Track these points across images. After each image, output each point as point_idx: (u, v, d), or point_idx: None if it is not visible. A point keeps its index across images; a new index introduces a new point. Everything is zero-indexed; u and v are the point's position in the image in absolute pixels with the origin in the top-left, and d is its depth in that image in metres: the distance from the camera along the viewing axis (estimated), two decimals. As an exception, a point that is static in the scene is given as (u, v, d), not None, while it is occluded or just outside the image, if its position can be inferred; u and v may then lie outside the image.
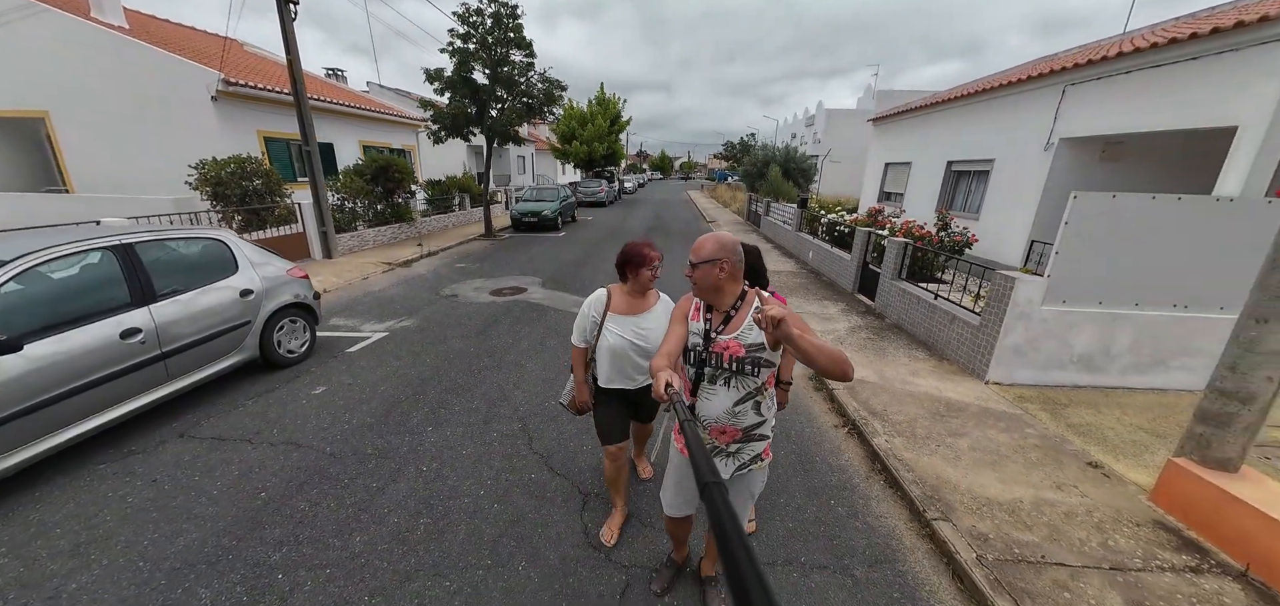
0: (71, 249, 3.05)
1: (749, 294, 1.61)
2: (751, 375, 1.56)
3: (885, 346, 5.21)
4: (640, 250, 2.12)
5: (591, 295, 2.24)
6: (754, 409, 1.61)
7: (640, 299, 2.21)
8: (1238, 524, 2.40)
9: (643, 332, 2.16)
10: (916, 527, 2.63)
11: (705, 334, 1.61)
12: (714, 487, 0.53)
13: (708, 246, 1.56)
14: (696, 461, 0.63)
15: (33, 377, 2.69)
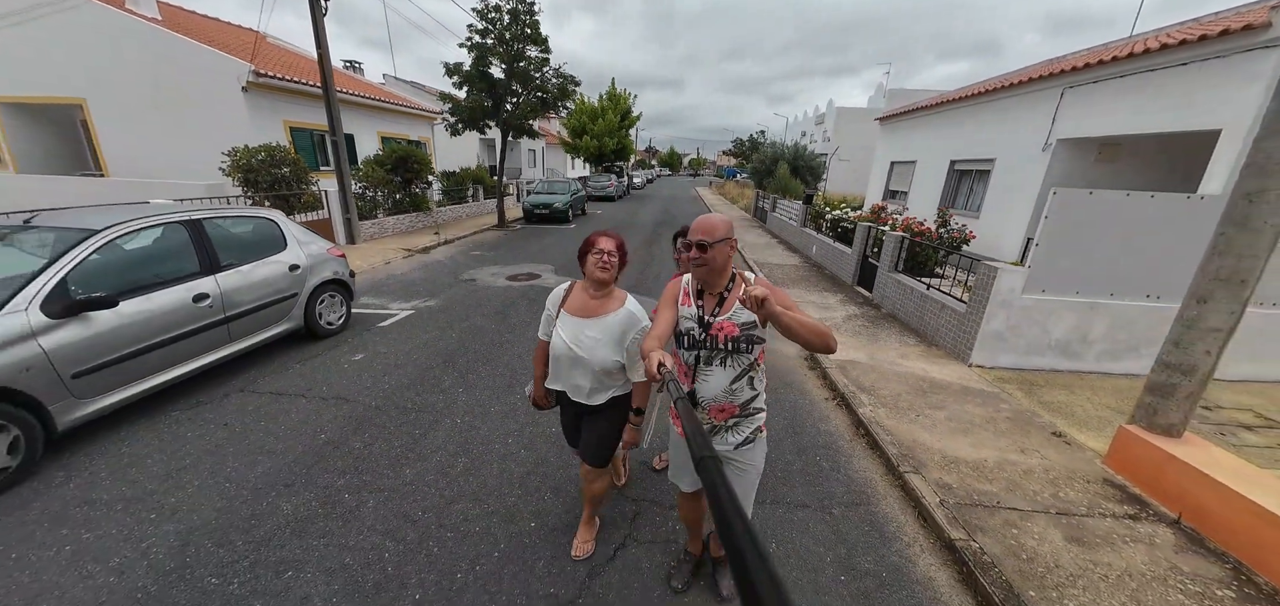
0: (152, 221, 3.48)
1: (738, 274, 1.63)
2: (745, 352, 1.60)
3: (878, 333, 5.55)
4: (589, 238, 1.89)
5: (556, 287, 2.07)
6: (748, 384, 1.64)
7: (598, 300, 1.93)
8: (1177, 481, 2.73)
9: (581, 340, 1.89)
10: (890, 479, 2.99)
11: (700, 318, 1.62)
12: (709, 460, 0.54)
13: (720, 227, 1.55)
14: (691, 437, 0.64)
15: (124, 331, 3.12)
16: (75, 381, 2.87)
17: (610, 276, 1.87)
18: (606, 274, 1.85)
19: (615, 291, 1.95)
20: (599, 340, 1.87)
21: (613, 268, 1.86)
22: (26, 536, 2.29)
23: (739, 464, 1.74)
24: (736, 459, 1.73)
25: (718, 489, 0.48)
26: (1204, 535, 2.53)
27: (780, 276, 8.42)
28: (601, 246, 1.85)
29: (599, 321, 1.89)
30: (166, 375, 3.39)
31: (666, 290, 1.73)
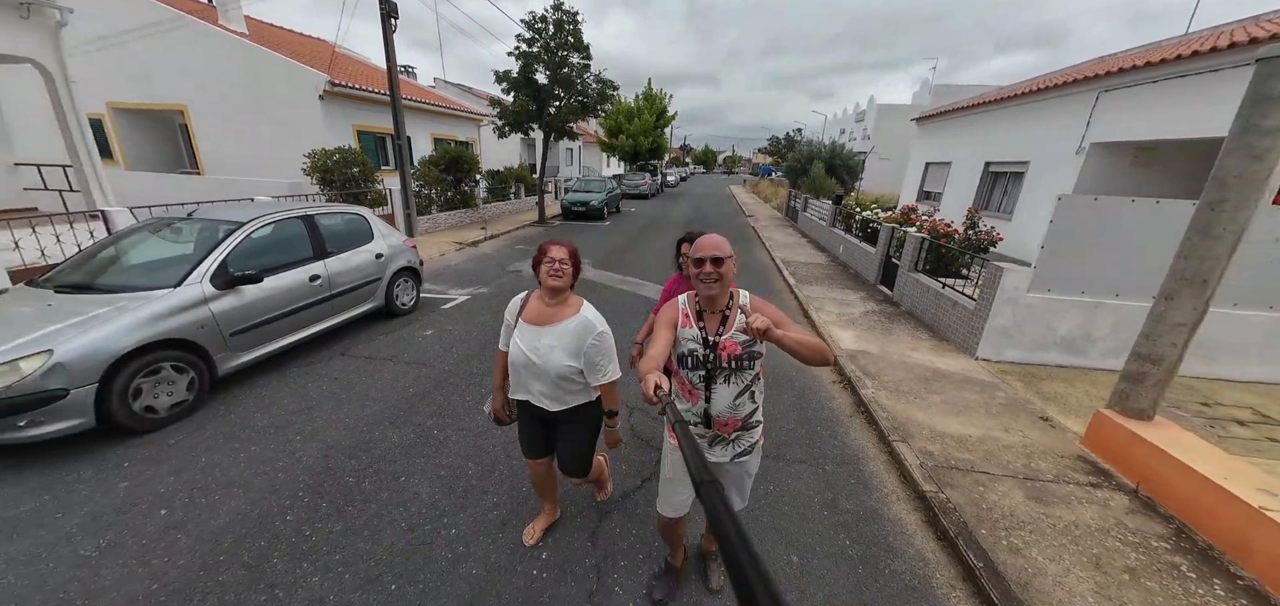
0: (280, 216, 4.37)
1: (735, 293, 1.66)
2: (748, 368, 1.64)
3: (893, 328, 5.91)
4: (542, 246, 1.89)
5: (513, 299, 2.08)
6: (750, 398, 1.69)
7: (552, 308, 1.94)
8: (1141, 458, 3.08)
9: (537, 349, 1.92)
10: (881, 446, 3.46)
11: (705, 339, 1.64)
12: (710, 487, 0.53)
13: (724, 245, 1.57)
14: (691, 463, 0.63)
15: (263, 302, 3.99)
16: (231, 338, 3.75)
17: (563, 283, 1.88)
18: (558, 280, 1.86)
19: (571, 298, 1.96)
20: (554, 347, 1.90)
21: (565, 274, 1.88)
22: (211, 447, 3.13)
23: (731, 470, 1.83)
24: (731, 468, 1.82)
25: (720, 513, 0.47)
26: (1157, 501, 2.89)
27: (806, 274, 8.79)
28: (553, 255, 1.87)
29: (554, 329, 1.91)
30: (290, 338, 4.27)
31: (662, 313, 1.73)
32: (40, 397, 2.78)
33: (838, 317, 6.26)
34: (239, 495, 2.69)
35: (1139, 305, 4.57)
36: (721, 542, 0.44)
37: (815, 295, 7.31)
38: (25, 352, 2.78)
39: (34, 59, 6.97)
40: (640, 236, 12.70)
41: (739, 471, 1.83)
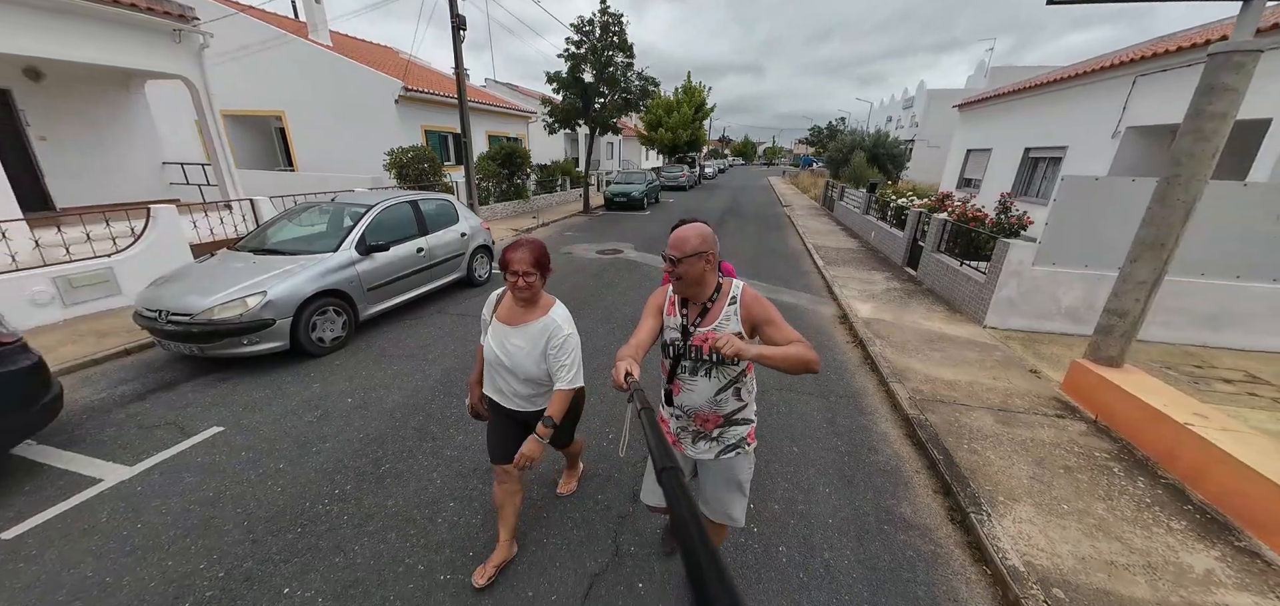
0: (396, 200, 5.53)
1: (725, 285, 1.61)
2: (731, 364, 1.58)
3: (910, 302, 6.46)
4: (504, 253, 1.79)
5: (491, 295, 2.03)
6: (734, 395, 1.64)
7: (523, 308, 1.87)
8: (1105, 398, 3.63)
9: (507, 349, 1.87)
10: (880, 387, 4.17)
11: (683, 327, 1.61)
12: (671, 472, 0.54)
13: (692, 240, 1.52)
14: (652, 449, 0.64)
15: (388, 266, 5.15)
16: (368, 292, 4.91)
17: (530, 296, 1.83)
18: (526, 295, 1.81)
19: (541, 298, 1.89)
20: (522, 348, 1.85)
21: (532, 288, 1.80)
22: (366, 367, 4.27)
23: (723, 473, 1.76)
24: (720, 467, 1.75)
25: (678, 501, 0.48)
26: (1111, 428, 3.46)
27: (835, 257, 9.32)
28: (516, 267, 1.75)
29: (523, 330, 1.86)
30: (404, 296, 5.44)
31: (652, 298, 1.71)
32: (258, 324, 3.98)
33: (859, 293, 6.85)
34: (396, 393, 3.80)
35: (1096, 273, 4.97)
36: (678, 532, 0.45)
37: (841, 275, 7.89)
38: (249, 293, 3.99)
39: (183, 75, 8.61)
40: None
41: (728, 475, 1.74)
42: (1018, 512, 2.61)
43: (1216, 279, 4.82)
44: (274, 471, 2.89)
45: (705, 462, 1.76)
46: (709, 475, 1.79)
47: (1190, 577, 2.22)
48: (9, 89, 8.07)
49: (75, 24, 6.66)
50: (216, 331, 3.86)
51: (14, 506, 2.57)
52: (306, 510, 2.59)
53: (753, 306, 1.57)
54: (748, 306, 1.57)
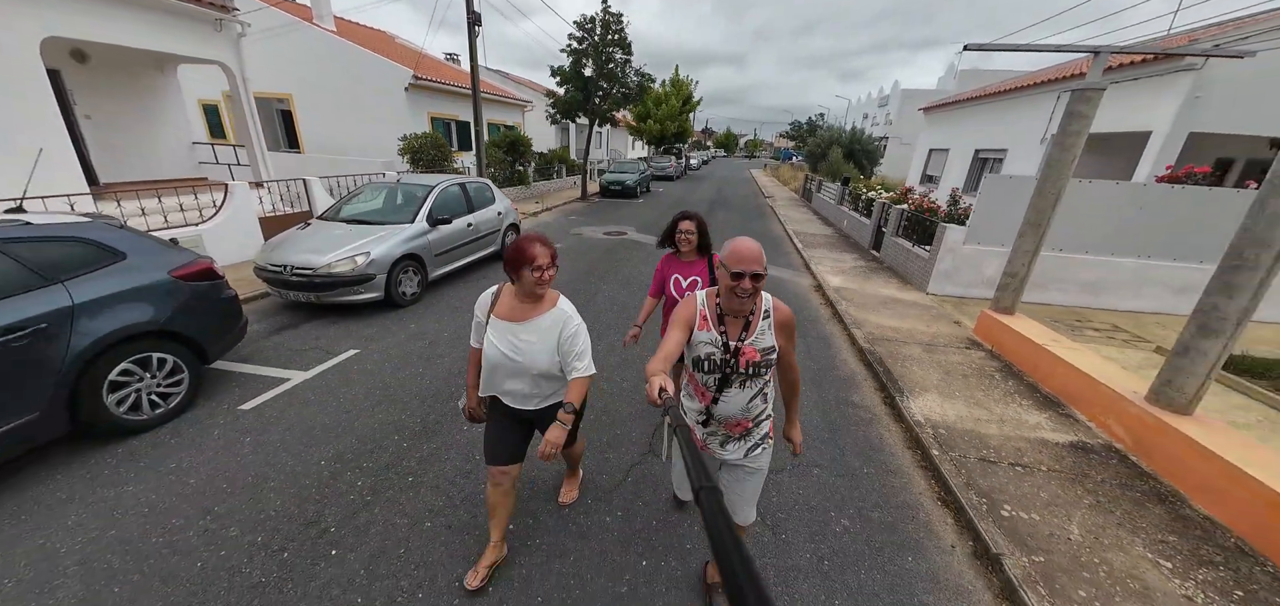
0: (449, 182, 6.56)
1: (759, 300, 1.61)
2: (762, 374, 1.64)
3: (872, 276, 7.85)
4: (522, 247, 1.76)
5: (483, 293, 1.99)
6: (762, 399, 1.71)
7: (528, 304, 1.88)
8: (1000, 336, 5.02)
9: (517, 346, 1.85)
10: (843, 333, 5.50)
11: (725, 344, 1.60)
12: (708, 493, 0.54)
13: (759, 261, 1.47)
14: (690, 468, 0.64)
15: (447, 237, 6.20)
16: (434, 257, 5.97)
17: (546, 291, 1.85)
18: (544, 290, 1.83)
19: (547, 293, 1.88)
20: (534, 343, 1.84)
21: (547, 284, 1.81)
22: (444, 313, 5.35)
23: (749, 467, 1.79)
24: (747, 464, 1.78)
25: (716, 520, 0.48)
26: (1000, 354, 4.86)
27: (812, 241, 10.69)
28: (539, 260, 1.75)
29: (533, 325, 1.85)
30: (458, 262, 6.51)
31: (679, 311, 1.67)
32: (364, 278, 5.03)
33: (831, 269, 8.21)
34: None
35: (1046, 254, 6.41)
36: (716, 548, 0.45)
37: (817, 255, 9.25)
38: (357, 253, 5.03)
39: (222, 61, 9.30)
40: (671, 210, 14.57)
41: (755, 468, 1.79)
42: (926, 397, 3.94)
43: (1096, 255, 6.33)
44: (414, 374, 4.01)
45: (733, 465, 1.80)
46: (733, 476, 1.83)
47: (1026, 425, 3.59)
48: (59, 70, 8.64)
49: (133, 11, 7.40)
50: (333, 282, 4.89)
51: (236, 393, 3.63)
52: (450, 393, 3.73)
53: (787, 324, 1.64)
54: (783, 325, 1.63)
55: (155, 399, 3.16)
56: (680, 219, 2.76)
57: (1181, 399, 3.13)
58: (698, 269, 2.73)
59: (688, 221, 2.73)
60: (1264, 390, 4.30)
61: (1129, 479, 3.02)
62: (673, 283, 2.77)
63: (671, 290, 2.77)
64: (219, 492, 2.65)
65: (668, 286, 2.79)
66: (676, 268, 2.78)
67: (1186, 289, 6.29)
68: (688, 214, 2.77)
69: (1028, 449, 3.30)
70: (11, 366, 2.51)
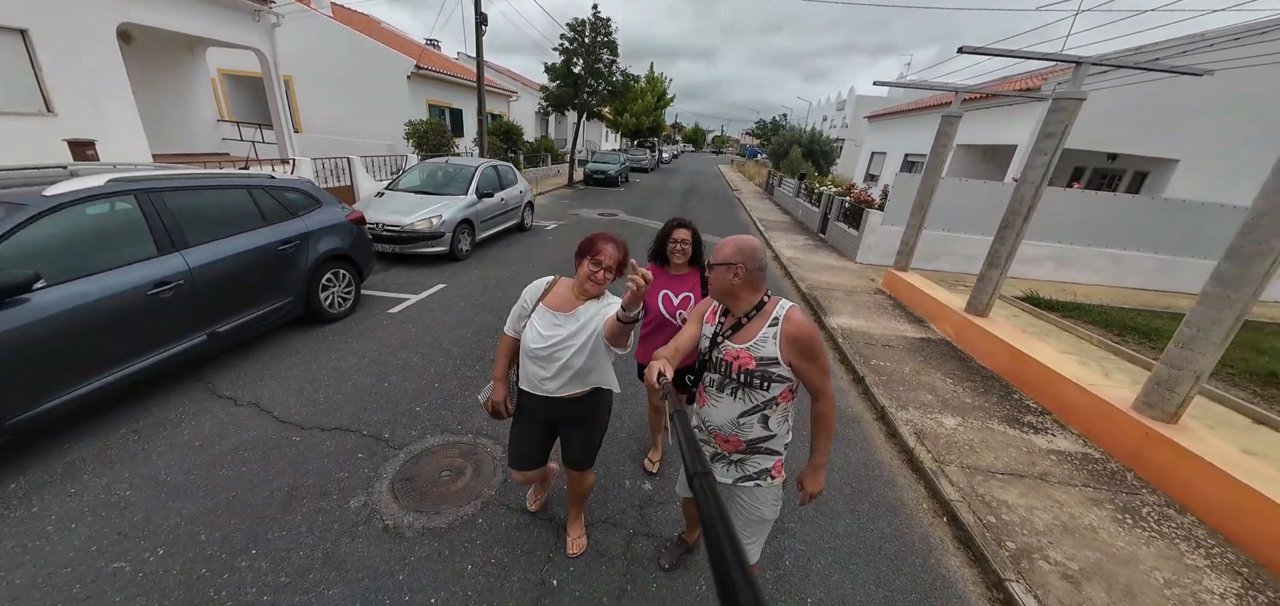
0: (486, 164, 8.12)
1: (769, 303, 1.52)
2: (760, 389, 1.50)
3: (817, 250, 10.01)
4: (593, 239, 1.77)
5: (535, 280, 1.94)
6: (762, 423, 1.56)
7: (579, 301, 1.82)
8: (897, 286, 7.18)
9: (561, 338, 1.77)
10: (791, 284, 7.54)
11: (712, 337, 1.58)
12: (702, 477, 0.54)
13: (727, 249, 1.50)
14: (684, 451, 0.64)
15: (488, 208, 7.78)
16: (479, 224, 7.56)
17: (601, 293, 1.80)
18: (598, 291, 1.79)
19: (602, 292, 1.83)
20: (568, 335, 1.77)
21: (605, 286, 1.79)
22: (498, 264, 6.97)
23: (742, 499, 1.66)
24: (738, 494, 1.66)
25: (708, 504, 0.48)
26: (895, 296, 7.02)
27: (772, 226, 12.82)
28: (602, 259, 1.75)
29: (574, 314, 1.80)
30: (493, 229, 8.10)
31: (699, 304, 1.71)
32: (436, 235, 6.58)
33: (786, 245, 10.32)
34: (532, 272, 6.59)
35: (937, 232, 8.72)
36: (707, 535, 0.44)
37: (775, 236, 11.36)
38: (431, 215, 6.58)
39: (257, 47, 10.34)
40: (651, 197, 16.62)
41: (749, 503, 1.65)
42: (841, 317, 5.99)
43: (968, 234, 8.67)
44: (500, 297, 5.68)
45: (723, 487, 1.65)
46: (730, 502, 1.67)
47: (897, 330, 5.68)
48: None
49: (190, 1, 8.51)
50: (414, 238, 6.44)
51: (379, 305, 5.18)
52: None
53: (800, 339, 1.46)
54: (793, 338, 1.46)
55: (339, 301, 4.72)
56: (673, 227, 2.44)
57: (979, 306, 5.28)
58: (690, 284, 2.44)
59: (682, 230, 2.41)
60: (1029, 307, 6.64)
61: (947, 352, 5.15)
62: (662, 299, 2.42)
63: (661, 308, 2.42)
64: (410, 348, 4.28)
65: (656, 303, 2.43)
66: (667, 282, 2.45)
67: (1029, 259, 8.77)
68: (682, 221, 2.47)
69: (894, 340, 5.39)
70: (283, 266, 4.05)
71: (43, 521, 2.27)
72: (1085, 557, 2.54)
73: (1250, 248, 2.92)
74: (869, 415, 4.00)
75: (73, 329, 2.65)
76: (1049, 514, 2.84)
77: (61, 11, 7.00)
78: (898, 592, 2.34)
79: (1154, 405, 3.31)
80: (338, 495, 2.56)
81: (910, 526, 2.80)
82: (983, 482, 3.08)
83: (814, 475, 1.62)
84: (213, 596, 1.99)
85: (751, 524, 1.68)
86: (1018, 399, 4.21)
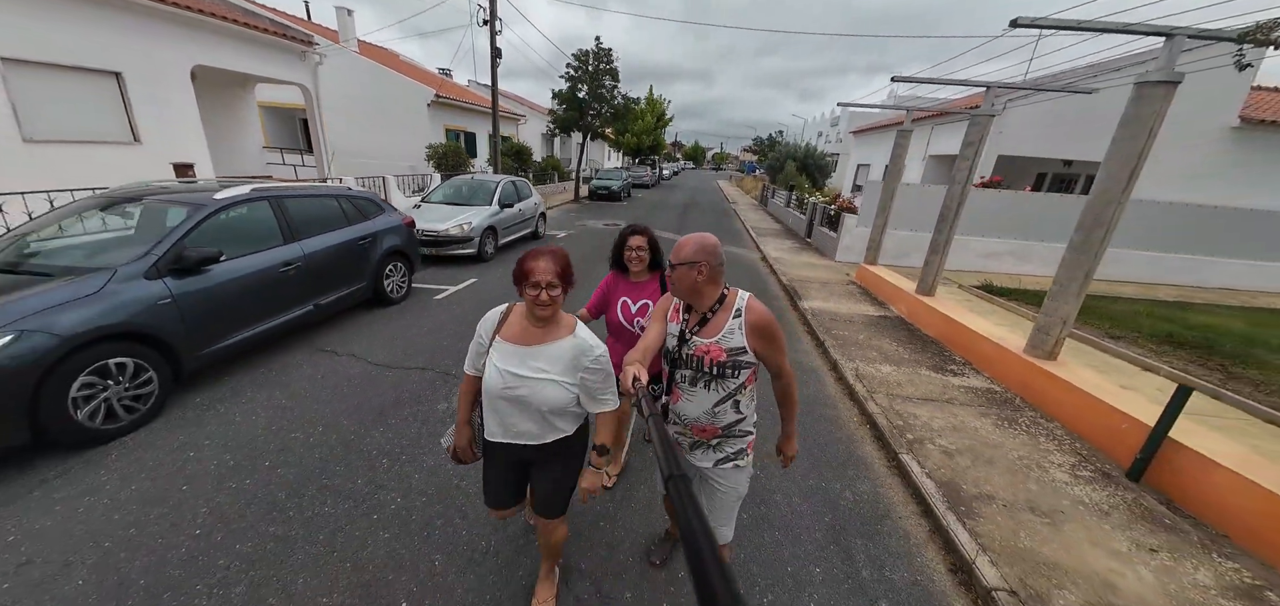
0: (506, 180, 9.30)
1: (729, 296, 1.58)
2: (732, 377, 1.58)
3: (802, 252, 11.08)
4: (523, 261, 1.53)
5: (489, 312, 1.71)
6: (733, 408, 1.63)
7: (543, 328, 1.58)
8: (867, 278, 8.21)
9: (522, 376, 1.56)
10: (775, 279, 8.59)
11: (680, 335, 1.61)
12: (677, 480, 0.54)
13: (688, 248, 1.53)
14: (660, 455, 0.65)
15: (508, 217, 8.93)
16: (501, 231, 8.69)
17: (552, 312, 1.55)
18: (547, 311, 1.53)
19: (562, 317, 1.62)
20: (546, 373, 1.57)
21: (555, 302, 1.52)
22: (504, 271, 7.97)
23: (718, 482, 1.73)
24: (714, 477, 1.73)
25: (685, 507, 0.49)
26: (866, 287, 8.05)
27: (764, 232, 13.92)
28: (538, 276, 1.48)
29: (543, 351, 1.57)
30: (512, 237, 9.24)
31: (659, 303, 1.72)
32: (466, 239, 7.70)
33: (774, 248, 11.40)
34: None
35: (904, 233, 9.78)
36: (685, 537, 0.45)
37: (765, 240, 12.45)
38: (463, 222, 7.71)
39: (302, 83, 11.67)
40: (653, 210, 17.80)
41: (725, 486, 1.73)
42: (813, 301, 7.02)
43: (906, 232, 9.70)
44: (520, 288, 6.76)
45: (703, 471, 1.74)
46: (705, 486, 1.76)
47: (859, 310, 6.69)
48: (172, 87, 10.79)
49: (250, 46, 9.88)
50: (448, 241, 7.56)
51: (425, 295, 6.26)
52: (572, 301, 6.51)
53: (762, 326, 1.55)
54: (755, 326, 1.54)
55: (397, 288, 5.81)
56: (628, 234, 2.43)
57: (926, 287, 6.31)
58: (649, 291, 2.44)
59: (638, 237, 2.41)
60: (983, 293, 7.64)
61: (898, 325, 6.16)
62: (621, 307, 2.43)
63: (619, 316, 2.43)
64: (457, 321, 5.34)
65: (615, 311, 2.45)
66: (625, 290, 2.46)
67: (992, 254, 9.81)
68: (636, 228, 2.46)
69: (856, 317, 6.41)
70: (360, 256, 5.15)
71: (233, 415, 3.33)
72: (963, 443, 3.54)
73: (1090, 223, 3.96)
74: (824, 367, 5.02)
75: (238, 291, 3.74)
76: (945, 421, 3.84)
77: (147, 56, 8.30)
78: (824, 465, 3.34)
79: (1037, 347, 4.32)
80: (428, 402, 3.62)
81: (841, 429, 3.81)
82: (901, 404, 4.08)
83: (789, 442, 1.81)
84: (362, 449, 3.03)
85: (729, 503, 1.78)
86: (946, 355, 5.22)
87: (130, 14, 7.92)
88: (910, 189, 9.49)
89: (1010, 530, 2.69)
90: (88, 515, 2.42)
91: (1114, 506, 2.94)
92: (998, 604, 2.23)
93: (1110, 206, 3.82)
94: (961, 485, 3.05)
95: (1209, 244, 9.48)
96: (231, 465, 2.85)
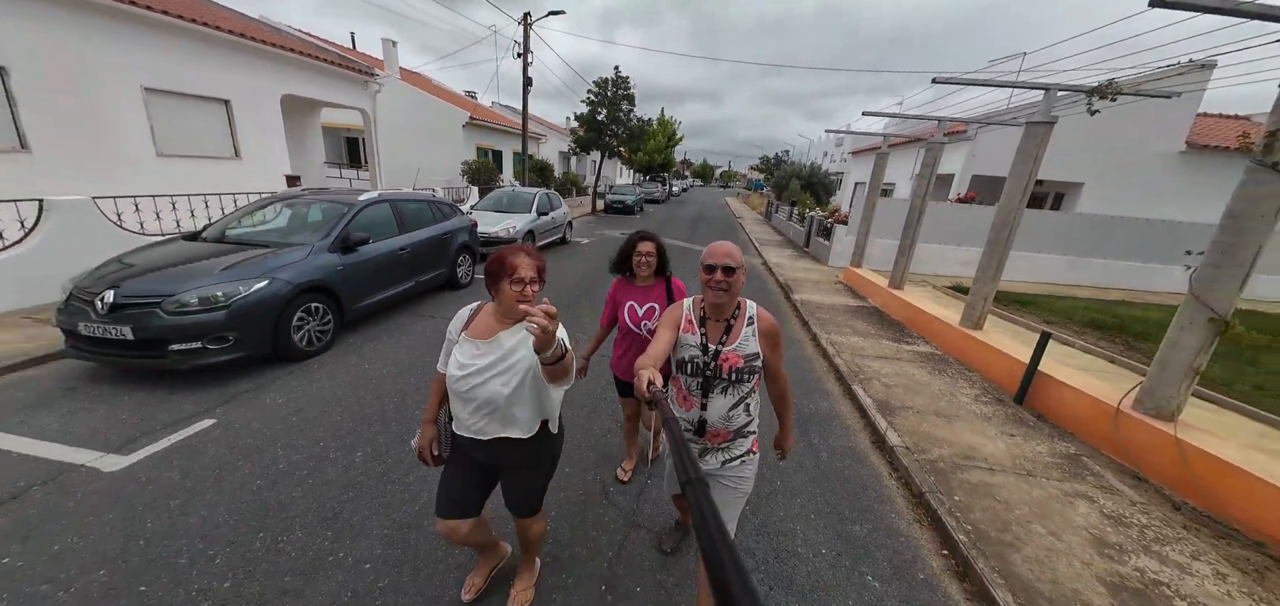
0: (541, 191, 10.83)
1: (742, 304, 1.66)
2: (747, 381, 1.65)
3: (799, 259, 12.43)
4: (502, 256, 1.56)
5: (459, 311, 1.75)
6: (744, 410, 1.69)
7: (504, 321, 1.64)
8: (852, 279, 9.52)
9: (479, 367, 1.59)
10: (773, 279, 9.95)
11: (704, 347, 1.64)
12: (695, 484, 0.55)
13: (727, 253, 1.55)
14: (678, 458, 0.66)
15: (544, 224, 10.42)
16: (540, 234, 10.17)
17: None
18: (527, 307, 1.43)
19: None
20: (495, 361, 1.59)
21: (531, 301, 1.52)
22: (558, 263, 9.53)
23: (727, 481, 1.77)
24: (724, 476, 1.76)
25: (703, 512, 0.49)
26: (852, 287, 9.37)
27: (766, 242, 15.30)
28: (522, 274, 1.53)
29: (496, 341, 1.61)
30: (548, 239, 10.72)
31: (666, 314, 1.74)
32: (510, 240, 9.16)
33: (775, 255, 12.77)
34: (586, 266, 9.11)
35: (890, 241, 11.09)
36: (702, 540, 0.45)
37: (768, 250, 13.84)
38: (509, 225, 9.21)
39: (363, 108, 13.41)
40: (664, 222, 19.31)
41: (733, 484, 1.77)
42: (804, 294, 8.35)
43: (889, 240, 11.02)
44: (559, 280, 8.18)
45: (712, 473, 1.76)
46: (715, 485, 1.77)
47: (841, 302, 8.01)
48: (254, 111, 12.55)
49: (324, 77, 11.62)
50: (497, 241, 9.03)
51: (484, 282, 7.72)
52: (583, 290, 7.92)
53: (772, 331, 1.67)
54: (766, 332, 1.66)
55: (466, 276, 7.27)
56: (637, 240, 2.49)
57: (896, 282, 7.63)
58: (655, 295, 2.50)
59: (646, 243, 2.46)
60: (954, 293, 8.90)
61: (872, 313, 7.47)
62: (628, 310, 2.51)
63: (627, 318, 2.50)
64: (515, 302, 6.77)
65: (622, 314, 2.52)
66: (631, 294, 2.53)
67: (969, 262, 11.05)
68: (645, 234, 2.50)
69: (838, 307, 7.73)
70: (443, 247, 6.61)
71: (380, 349, 4.76)
72: (900, 382, 4.84)
73: (999, 226, 5.30)
74: (805, 338, 6.36)
75: (375, 265, 5.20)
76: (891, 370, 5.15)
77: (249, 86, 10.01)
78: (797, 390, 4.67)
79: (966, 319, 5.63)
80: (512, 346, 5.02)
81: (812, 372, 5.14)
82: (861, 360, 5.40)
83: (786, 437, 1.94)
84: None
85: (737, 500, 1.80)
86: (906, 332, 6.52)
87: (238, 52, 9.65)
88: (889, 202, 10.85)
89: (917, 423, 4.00)
90: (317, 389, 3.84)
91: (995, 415, 4.23)
92: (896, 451, 3.54)
93: (1011, 213, 5.17)
94: (891, 402, 4.36)
95: (1154, 253, 10.68)
96: (390, 373, 4.27)
